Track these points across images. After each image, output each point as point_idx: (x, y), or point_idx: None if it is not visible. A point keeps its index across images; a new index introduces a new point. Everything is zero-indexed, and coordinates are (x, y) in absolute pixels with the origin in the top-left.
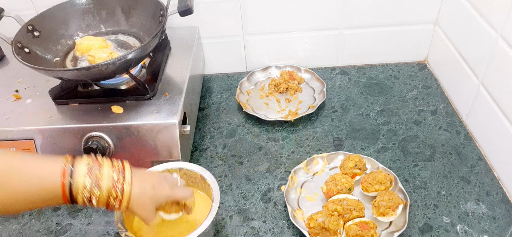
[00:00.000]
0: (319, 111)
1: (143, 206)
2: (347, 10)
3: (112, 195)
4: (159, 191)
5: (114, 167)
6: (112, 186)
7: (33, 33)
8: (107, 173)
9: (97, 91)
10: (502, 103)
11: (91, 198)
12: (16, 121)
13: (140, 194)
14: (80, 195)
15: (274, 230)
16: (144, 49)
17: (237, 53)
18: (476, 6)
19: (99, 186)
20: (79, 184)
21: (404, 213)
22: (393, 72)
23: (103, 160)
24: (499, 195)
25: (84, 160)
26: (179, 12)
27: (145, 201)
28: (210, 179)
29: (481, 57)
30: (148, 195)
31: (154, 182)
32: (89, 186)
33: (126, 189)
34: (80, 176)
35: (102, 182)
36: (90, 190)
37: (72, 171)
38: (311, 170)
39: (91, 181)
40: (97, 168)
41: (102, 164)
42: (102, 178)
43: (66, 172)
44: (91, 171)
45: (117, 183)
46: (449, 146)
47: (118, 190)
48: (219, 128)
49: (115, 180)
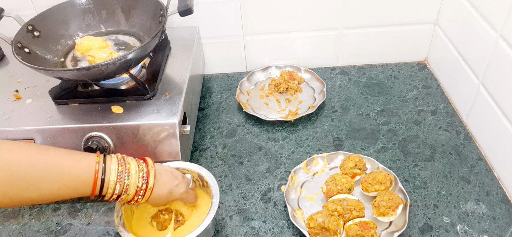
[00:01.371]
0: (319, 111)
1: (157, 203)
2: (347, 10)
3: (134, 199)
4: (174, 194)
5: (140, 171)
6: (136, 192)
7: (33, 33)
8: (133, 180)
9: (97, 91)
10: (502, 103)
11: (117, 199)
12: (16, 121)
13: (157, 196)
14: (109, 196)
15: (274, 230)
16: (144, 49)
17: (237, 53)
18: (476, 6)
19: (127, 192)
20: (110, 185)
21: (404, 213)
22: (393, 72)
23: (129, 161)
24: (499, 195)
25: (113, 160)
26: (179, 12)
27: (159, 201)
28: (210, 179)
29: (481, 57)
30: (163, 198)
31: (171, 187)
32: (118, 191)
33: (147, 195)
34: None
35: (129, 188)
36: (118, 193)
37: (105, 169)
38: (311, 170)
39: (120, 186)
40: (126, 174)
41: (130, 167)
42: (130, 185)
43: (99, 170)
44: (121, 177)
45: (140, 190)
46: (449, 146)
47: (141, 194)
48: (219, 128)
49: (139, 187)
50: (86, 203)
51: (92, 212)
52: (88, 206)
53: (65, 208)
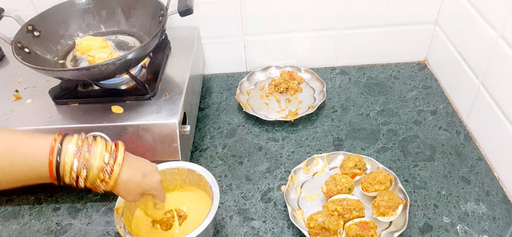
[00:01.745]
0: (319, 111)
1: (128, 191)
2: (347, 10)
3: (99, 177)
4: (148, 180)
5: (107, 147)
6: (102, 168)
7: (33, 33)
8: (99, 154)
9: (97, 91)
10: (502, 103)
11: (78, 179)
12: (16, 121)
13: (128, 179)
14: (68, 175)
15: (274, 230)
16: (144, 49)
17: (237, 53)
18: (476, 6)
19: (88, 167)
20: (66, 163)
21: (404, 213)
22: (393, 72)
23: (98, 139)
24: (499, 195)
25: (73, 139)
26: (179, 12)
27: (131, 187)
28: (210, 179)
29: (481, 57)
30: (136, 182)
31: (145, 171)
32: (77, 166)
33: (116, 170)
34: (68, 156)
35: (91, 162)
36: (78, 171)
37: (60, 150)
38: (311, 170)
39: (78, 161)
40: (86, 148)
41: (92, 144)
42: (91, 159)
43: (54, 150)
44: (80, 151)
45: (107, 165)
46: (449, 146)
47: (107, 171)
48: (219, 128)
49: (106, 162)
50: (86, 203)
51: (92, 212)
52: (88, 206)
53: (65, 208)
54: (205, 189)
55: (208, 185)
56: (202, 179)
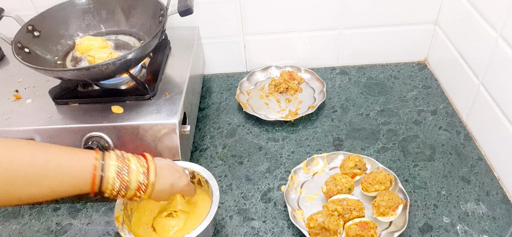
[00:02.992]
0: (319, 111)
1: (160, 198)
2: (347, 10)
3: (136, 195)
4: (176, 187)
5: (140, 167)
6: (138, 188)
7: (33, 33)
8: (134, 177)
9: (97, 91)
10: (502, 103)
11: (117, 195)
12: (16, 121)
13: (160, 191)
14: (109, 192)
15: (274, 230)
16: (144, 49)
17: (237, 53)
18: (476, 6)
19: (126, 187)
20: (109, 182)
21: (404, 213)
22: (393, 72)
23: (129, 156)
24: (499, 195)
25: (112, 157)
26: (179, 12)
27: (163, 195)
28: (210, 179)
29: (481, 57)
30: (166, 192)
31: (173, 181)
32: (118, 187)
33: (149, 190)
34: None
35: (130, 183)
36: (118, 189)
37: (103, 166)
38: (311, 170)
39: (120, 183)
40: (126, 170)
41: (129, 164)
42: (130, 181)
43: (97, 168)
44: (121, 173)
45: (142, 184)
46: (449, 146)
47: (142, 189)
48: (219, 128)
49: (141, 182)
50: (86, 203)
51: (92, 212)
52: (88, 206)
53: (65, 208)
54: (205, 189)
55: (208, 185)
56: (202, 179)
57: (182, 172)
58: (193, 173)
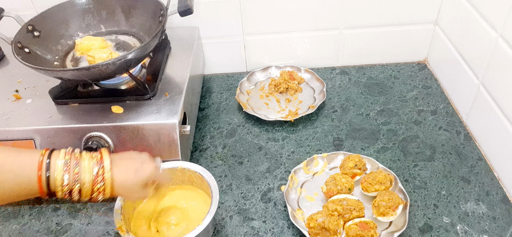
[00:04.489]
0: (319, 111)
1: (129, 191)
2: (347, 10)
3: (95, 187)
4: (142, 174)
5: (92, 159)
6: (93, 180)
7: (33, 33)
8: (87, 167)
9: (97, 91)
10: (502, 103)
11: (71, 192)
12: (16, 121)
13: (123, 180)
14: (59, 189)
15: (274, 230)
16: (144, 49)
17: (237, 53)
18: (476, 6)
19: (79, 180)
20: (57, 178)
21: (404, 213)
22: (393, 72)
23: (83, 153)
24: (499, 195)
25: (61, 154)
26: (179, 12)
27: (130, 186)
28: (209, 178)
29: (481, 57)
30: (132, 181)
31: (136, 166)
32: (68, 181)
33: (107, 177)
34: (58, 170)
35: (82, 175)
36: (70, 185)
37: (49, 165)
38: (311, 170)
39: (69, 175)
40: (75, 162)
41: (80, 157)
42: (81, 172)
43: (42, 165)
44: (69, 166)
45: (97, 176)
46: (449, 146)
47: (99, 181)
48: (219, 128)
49: (96, 172)
50: (86, 203)
51: (92, 212)
52: (88, 206)
53: (65, 208)
54: (205, 189)
55: (207, 185)
56: (201, 179)
57: (146, 158)
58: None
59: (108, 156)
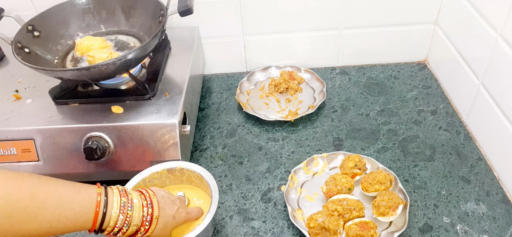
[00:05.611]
0: (319, 111)
1: (163, 235)
2: (347, 10)
3: (140, 231)
4: (178, 220)
5: (142, 200)
6: (142, 223)
7: (33, 33)
8: (138, 208)
9: (97, 91)
10: (502, 103)
11: (118, 233)
12: (16, 121)
13: (163, 227)
14: (110, 228)
15: (274, 230)
16: (144, 49)
17: (237, 53)
18: (476, 6)
19: (130, 223)
20: (112, 218)
21: (404, 213)
22: (393, 72)
23: (131, 192)
24: (499, 195)
25: (115, 193)
26: (179, 12)
27: (166, 231)
28: (208, 178)
29: (481, 57)
30: (170, 227)
31: (174, 213)
32: (121, 222)
33: (154, 224)
34: (115, 209)
35: (133, 218)
36: (120, 226)
37: (106, 202)
38: (311, 170)
39: (123, 217)
40: (129, 204)
41: (132, 197)
42: (133, 215)
43: (100, 203)
44: (125, 207)
45: (146, 221)
46: (449, 146)
47: (146, 226)
48: (219, 128)
49: (144, 217)
50: None
51: None
52: None
53: None
54: (204, 189)
55: (207, 185)
56: (201, 178)
57: (179, 202)
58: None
59: (157, 202)
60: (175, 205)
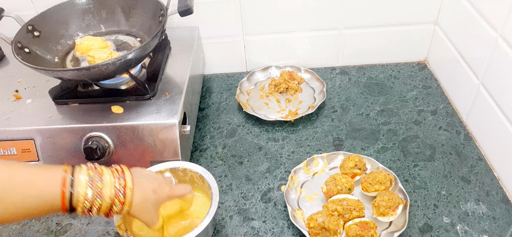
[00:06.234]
0: (319, 111)
1: (146, 212)
2: (347, 10)
3: (115, 204)
4: (160, 194)
5: (114, 173)
6: (115, 195)
7: (33, 33)
8: (109, 182)
9: (97, 91)
10: (502, 103)
11: (91, 208)
12: (16, 121)
13: (142, 200)
14: (81, 205)
15: (274, 230)
16: (144, 49)
17: (237, 53)
18: (476, 6)
19: (101, 196)
20: (80, 194)
21: (404, 213)
22: (393, 72)
23: (103, 168)
24: (499, 195)
25: (83, 170)
26: (179, 12)
27: (147, 206)
28: (208, 178)
29: (481, 57)
30: (151, 201)
31: (154, 187)
32: (91, 196)
33: (128, 195)
34: (81, 186)
35: (104, 191)
36: (92, 200)
37: (73, 181)
38: (311, 170)
39: (92, 191)
40: (98, 177)
41: (102, 172)
42: (103, 187)
43: (66, 181)
44: (93, 181)
45: (119, 192)
46: (449, 146)
47: (120, 197)
48: (219, 128)
49: (117, 188)
50: None
51: None
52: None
53: None
54: (206, 191)
55: (208, 186)
56: (203, 180)
57: (162, 179)
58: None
59: (129, 173)
60: (156, 180)
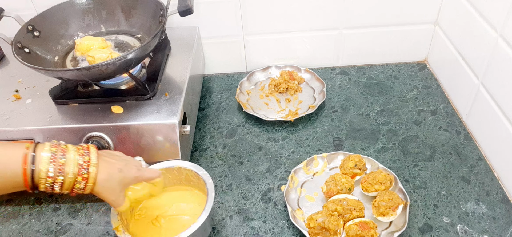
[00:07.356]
0: (319, 111)
1: (111, 190)
2: (347, 10)
3: (78, 180)
4: (126, 173)
5: (79, 150)
6: (78, 171)
7: (33, 33)
8: (72, 158)
9: (97, 91)
10: (502, 103)
11: (53, 185)
12: (16, 121)
13: (107, 178)
14: (43, 182)
15: (274, 230)
16: (144, 49)
17: (237, 53)
18: (476, 6)
19: (63, 172)
20: (41, 171)
21: (404, 213)
22: (393, 72)
23: (68, 145)
24: (499, 195)
25: (46, 146)
26: (179, 12)
27: (112, 185)
28: (203, 174)
29: (481, 57)
30: (116, 179)
31: (121, 166)
32: (53, 172)
33: (92, 172)
34: (43, 163)
35: (66, 167)
36: (54, 177)
37: (34, 157)
38: (311, 170)
39: (54, 167)
40: (61, 153)
41: (67, 149)
42: (66, 164)
43: (27, 158)
44: (55, 157)
45: (82, 168)
46: (449, 146)
47: (83, 173)
48: (219, 128)
49: (81, 164)
50: (86, 203)
51: (92, 212)
52: (88, 206)
53: (65, 208)
54: (202, 188)
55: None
56: (198, 177)
57: (131, 160)
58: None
59: (95, 150)
60: (123, 160)
